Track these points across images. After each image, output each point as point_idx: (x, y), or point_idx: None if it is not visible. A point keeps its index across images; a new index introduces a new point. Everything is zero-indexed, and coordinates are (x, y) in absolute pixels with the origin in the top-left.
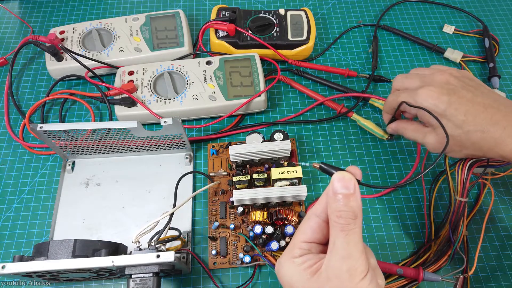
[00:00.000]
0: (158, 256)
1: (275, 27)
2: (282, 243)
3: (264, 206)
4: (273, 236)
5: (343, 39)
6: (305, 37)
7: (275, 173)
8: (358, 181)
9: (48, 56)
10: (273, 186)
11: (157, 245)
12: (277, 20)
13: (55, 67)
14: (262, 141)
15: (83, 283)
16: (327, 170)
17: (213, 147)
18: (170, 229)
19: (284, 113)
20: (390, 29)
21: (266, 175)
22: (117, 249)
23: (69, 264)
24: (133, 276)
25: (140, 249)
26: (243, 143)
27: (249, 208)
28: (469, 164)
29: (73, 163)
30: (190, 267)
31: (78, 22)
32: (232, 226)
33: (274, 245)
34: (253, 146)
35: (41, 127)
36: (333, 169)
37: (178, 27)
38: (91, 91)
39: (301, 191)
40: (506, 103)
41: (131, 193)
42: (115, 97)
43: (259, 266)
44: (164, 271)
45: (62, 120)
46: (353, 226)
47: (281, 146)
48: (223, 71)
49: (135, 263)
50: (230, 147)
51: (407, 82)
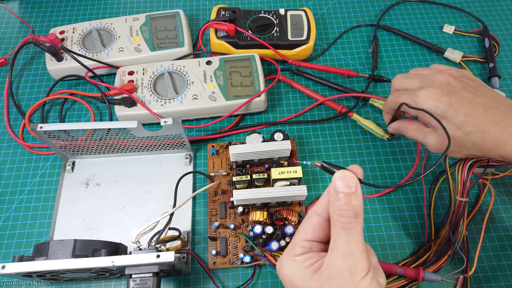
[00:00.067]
0: (158, 256)
1: (275, 27)
2: (282, 243)
3: (264, 206)
4: (273, 236)
5: (343, 39)
6: (305, 37)
7: (275, 173)
8: (359, 180)
9: (48, 56)
10: (273, 186)
11: (157, 245)
12: (277, 20)
13: (55, 67)
14: (262, 141)
15: (83, 283)
16: (329, 169)
17: (213, 147)
18: (170, 229)
19: (284, 113)
20: (390, 29)
21: (266, 175)
22: (117, 249)
23: (69, 264)
24: (133, 276)
25: (140, 249)
26: (243, 143)
27: (249, 208)
28: (469, 164)
29: (73, 163)
30: (190, 267)
31: (78, 22)
32: (232, 226)
33: (274, 245)
34: (253, 146)
35: (41, 127)
36: (334, 167)
37: (178, 27)
38: (91, 91)
39: (301, 191)
40: (506, 103)
41: (131, 193)
42: (115, 97)
43: (259, 266)
44: (164, 271)
45: (62, 120)
46: (354, 224)
47: (281, 146)
48: (223, 71)
49: (135, 263)
50: (230, 147)
51: (407, 82)
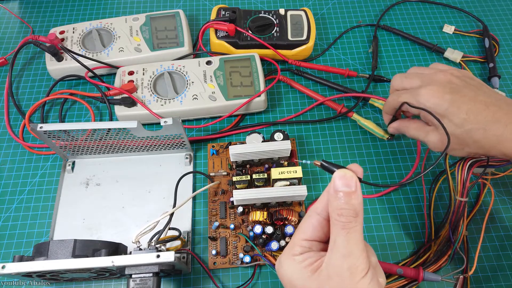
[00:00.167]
0: (158, 256)
1: (275, 27)
2: (282, 243)
3: (264, 206)
4: (273, 236)
5: (343, 39)
6: (305, 37)
7: (275, 173)
8: (359, 179)
9: (48, 56)
10: (273, 186)
11: (157, 245)
12: (277, 20)
13: (55, 67)
14: (262, 141)
15: (83, 283)
16: (328, 168)
17: (213, 147)
18: (170, 229)
19: (284, 113)
20: (390, 29)
21: (266, 175)
22: (117, 249)
23: (69, 264)
24: (133, 276)
25: (140, 249)
26: (243, 143)
27: (249, 208)
28: (469, 164)
29: (73, 163)
30: (190, 267)
31: (78, 22)
32: (232, 226)
33: (274, 245)
34: (253, 146)
35: (41, 127)
36: (334, 166)
37: (178, 27)
38: (91, 91)
39: (301, 191)
40: (507, 101)
41: (131, 193)
42: (115, 97)
43: (259, 266)
44: (164, 271)
45: (62, 120)
46: (354, 224)
47: (281, 146)
48: (223, 71)
49: (135, 263)
50: (230, 147)
51: (407, 82)
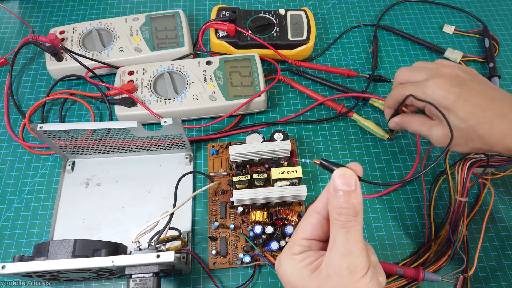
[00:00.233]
0: (158, 256)
1: (275, 27)
2: (282, 243)
3: (264, 206)
4: (273, 236)
5: (343, 39)
6: (305, 37)
7: (275, 173)
8: (359, 177)
9: (48, 56)
10: (273, 186)
11: (157, 245)
12: (277, 20)
13: (55, 67)
14: (262, 141)
15: (83, 283)
16: (328, 166)
17: (213, 147)
18: (170, 229)
19: (284, 113)
20: (390, 29)
21: (266, 175)
22: (117, 249)
23: (69, 264)
24: (133, 276)
25: (140, 249)
26: (243, 143)
27: (249, 208)
28: (469, 164)
29: (73, 163)
30: (190, 267)
31: (78, 22)
32: (232, 226)
33: (274, 245)
34: (253, 146)
35: (41, 127)
36: (333, 165)
37: (178, 27)
38: (91, 91)
39: (301, 191)
40: None
41: (131, 193)
42: (115, 97)
43: (259, 266)
44: (164, 271)
45: (62, 120)
46: (353, 223)
47: (281, 146)
48: (223, 71)
49: (135, 263)
50: (230, 147)
51: (413, 75)
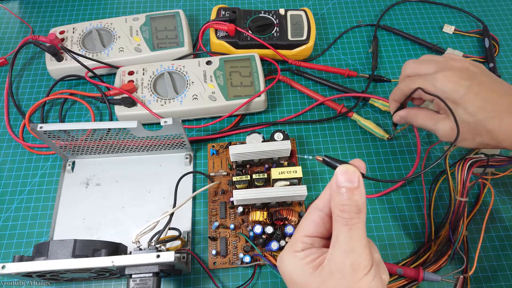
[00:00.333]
0: (158, 256)
1: (275, 27)
2: (282, 243)
3: (264, 206)
4: (273, 236)
5: (343, 39)
6: (305, 37)
7: (275, 173)
8: (362, 174)
9: (48, 56)
10: (273, 186)
11: (157, 245)
12: (277, 20)
13: (55, 67)
14: (262, 141)
15: (83, 283)
16: (331, 163)
17: (213, 147)
18: (170, 229)
19: (284, 113)
20: (390, 29)
21: (266, 175)
22: (117, 249)
23: (69, 264)
24: (133, 276)
25: (140, 249)
26: (243, 143)
27: (249, 208)
28: (469, 164)
29: (73, 163)
30: (190, 267)
31: (78, 22)
32: (232, 226)
33: (274, 245)
34: (253, 146)
35: (41, 127)
36: (336, 162)
37: (178, 27)
38: (91, 91)
39: (301, 191)
40: None
41: (131, 193)
42: (115, 97)
43: (259, 266)
44: (164, 271)
45: (62, 120)
46: (356, 220)
47: (281, 146)
48: (223, 71)
49: (135, 263)
50: (230, 147)
51: (422, 67)
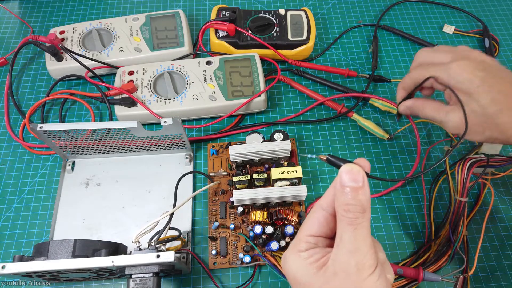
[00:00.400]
0: (158, 256)
1: (275, 27)
2: (282, 243)
3: (264, 206)
4: (273, 236)
5: (343, 39)
6: (305, 37)
7: (275, 173)
8: (366, 173)
9: (48, 56)
10: (273, 186)
11: (157, 245)
12: (277, 20)
13: (55, 67)
14: (262, 141)
15: (83, 283)
16: (335, 162)
17: (213, 147)
18: (170, 229)
19: (284, 113)
20: (390, 29)
21: (266, 175)
22: (117, 249)
23: (69, 264)
24: (133, 276)
25: (140, 249)
26: (243, 143)
27: (249, 208)
28: (469, 164)
29: (73, 163)
30: (190, 267)
31: (78, 22)
32: (232, 226)
33: (274, 245)
34: (253, 146)
35: (41, 127)
36: (340, 161)
37: (178, 27)
38: (91, 91)
39: (301, 191)
40: None
41: (131, 193)
42: (115, 97)
43: (259, 266)
44: (164, 271)
45: (62, 120)
46: (361, 220)
47: (281, 146)
48: (223, 71)
49: (135, 263)
50: (230, 147)
51: (436, 56)
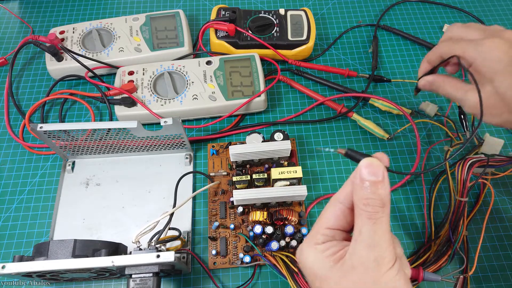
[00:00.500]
0: (158, 256)
1: (275, 27)
2: (282, 243)
3: (264, 206)
4: (273, 236)
5: (343, 39)
6: (305, 37)
7: (275, 173)
8: (386, 168)
9: (48, 56)
10: (273, 186)
11: (157, 245)
12: (277, 20)
13: (55, 67)
14: (262, 141)
15: (83, 283)
16: (354, 156)
17: (213, 147)
18: (170, 229)
19: (284, 113)
20: (390, 29)
21: (266, 175)
22: (117, 249)
23: (69, 264)
24: (133, 276)
25: (140, 249)
26: (243, 143)
27: (249, 208)
28: (469, 164)
29: (73, 163)
30: (190, 267)
31: (78, 22)
32: (232, 226)
33: (274, 245)
34: (253, 146)
35: (41, 127)
36: (360, 155)
37: (178, 27)
38: (91, 91)
39: (301, 191)
40: None
41: (131, 193)
42: (115, 97)
43: (259, 266)
44: (164, 271)
45: (62, 120)
46: (381, 214)
47: (281, 146)
48: (223, 71)
49: (135, 263)
50: (230, 147)
51: (469, 31)
